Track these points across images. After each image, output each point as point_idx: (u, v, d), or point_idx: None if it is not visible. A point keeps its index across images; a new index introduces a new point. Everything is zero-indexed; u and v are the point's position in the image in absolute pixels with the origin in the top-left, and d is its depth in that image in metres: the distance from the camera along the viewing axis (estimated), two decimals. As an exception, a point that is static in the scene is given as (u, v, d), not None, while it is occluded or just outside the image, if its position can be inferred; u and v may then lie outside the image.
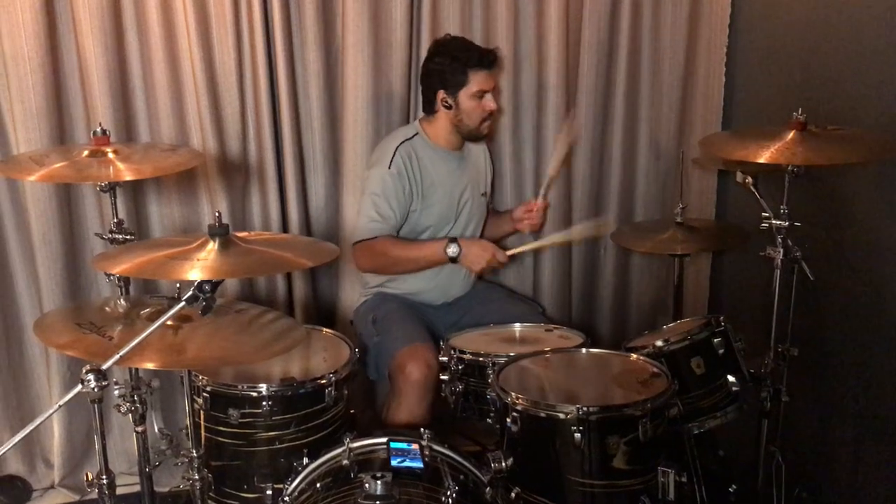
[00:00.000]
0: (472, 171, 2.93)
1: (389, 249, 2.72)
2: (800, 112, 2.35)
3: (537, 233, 3.00)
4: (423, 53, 2.94)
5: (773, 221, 2.36)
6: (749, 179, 2.50)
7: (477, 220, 2.94)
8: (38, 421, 1.56)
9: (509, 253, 2.74)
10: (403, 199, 2.74)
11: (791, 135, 2.32)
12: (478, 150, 2.96)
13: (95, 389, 1.61)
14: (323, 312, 3.15)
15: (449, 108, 2.74)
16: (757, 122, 3.08)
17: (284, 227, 3.02)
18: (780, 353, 2.48)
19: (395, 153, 2.73)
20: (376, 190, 2.72)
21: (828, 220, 2.69)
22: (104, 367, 1.60)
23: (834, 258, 2.64)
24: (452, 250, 2.67)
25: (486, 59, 2.72)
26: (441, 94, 2.74)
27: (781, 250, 2.37)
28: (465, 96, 2.72)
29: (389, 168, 2.72)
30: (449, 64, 2.70)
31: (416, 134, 2.81)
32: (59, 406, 1.61)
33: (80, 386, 1.60)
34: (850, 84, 2.59)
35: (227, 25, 2.81)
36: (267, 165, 2.96)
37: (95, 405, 1.75)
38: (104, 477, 1.84)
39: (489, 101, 2.75)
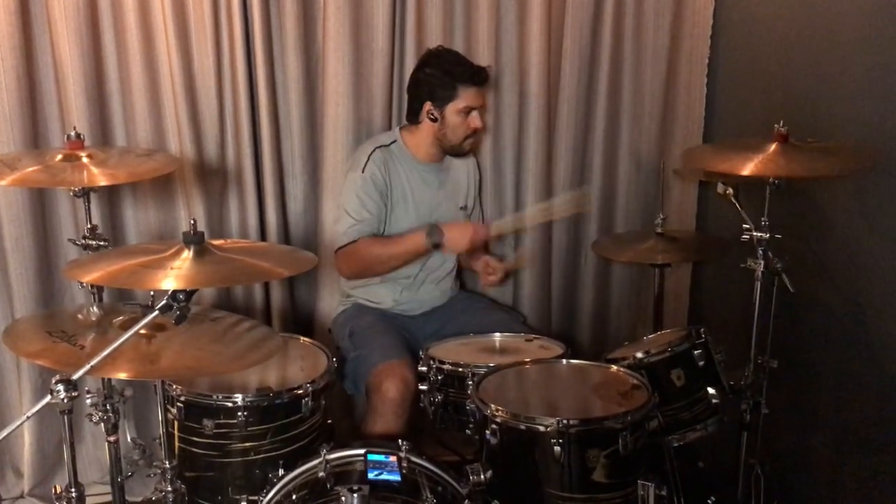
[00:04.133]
0: (451, 184, 2.90)
1: (370, 249, 2.70)
2: (781, 124, 2.35)
3: (498, 286, 3.03)
4: (406, 60, 2.94)
5: (754, 233, 2.36)
6: (730, 191, 2.50)
7: None
8: (5, 432, 1.53)
9: (493, 229, 2.73)
10: (379, 201, 2.73)
11: (773, 147, 2.32)
12: (461, 163, 2.93)
13: (65, 400, 1.57)
14: (301, 320, 3.11)
15: (434, 120, 2.72)
16: (738, 133, 3.08)
17: (263, 234, 2.99)
18: (759, 365, 2.48)
19: (368, 158, 2.72)
20: (352, 195, 2.72)
21: (808, 232, 2.69)
22: (74, 377, 1.56)
23: (814, 270, 2.65)
24: (434, 238, 2.65)
25: (478, 76, 2.70)
26: (428, 105, 2.72)
27: (762, 262, 2.37)
28: (451, 111, 2.70)
29: (363, 172, 2.71)
30: (440, 77, 2.68)
31: (394, 142, 2.80)
32: (27, 417, 1.58)
33: (48, 397, 1.56)
34: (831, 97, 2.60)
35: (206, 29, 2.78)
36: (245, 171, 2.92)
37: (65, 416, 1.70)
38: (73, 490, 1.80)
39: (475, 119, 2.73)
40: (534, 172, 3.12)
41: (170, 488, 2.06)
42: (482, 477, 2.01)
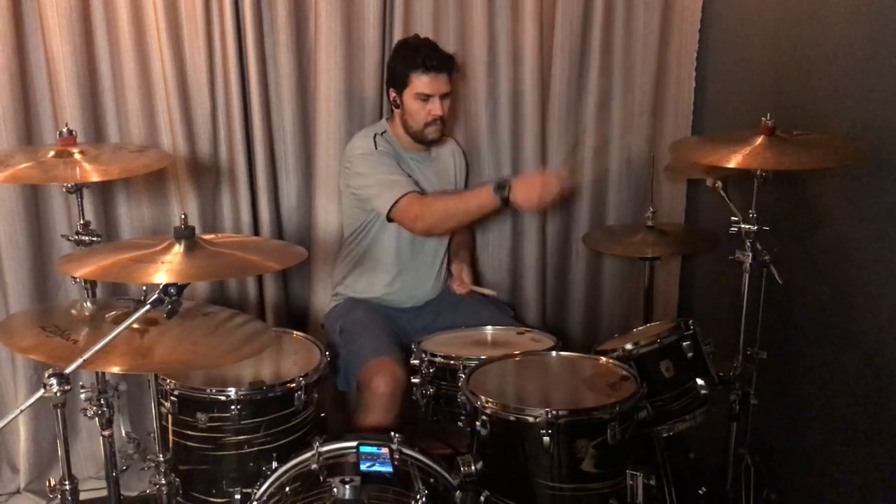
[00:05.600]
0: (441, 171, 2.93)
1: (438, 201, 2.71)
2: (768, 117, 2.37)
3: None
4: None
5: (742, 225, 2.38)
6: (719, 184, 2.52)
7: None
8: (-1, 425, 1.54)
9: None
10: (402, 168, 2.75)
11: (760, 140, 2.34)
12: (446, 151, 2.97)
13: (58, 394, 1.58)
14: (294, 315, 3.13)
15: (397, 107, 2.77)
16: (727, 127, 3.10)
17: (256, 230, 3.00)
18: (748, 356, 2.50)
19: (374, 140, 2.76)
20: (378, 166, 2.72)
21: (796, 224, 2.71)
22: (67, 371, 1.58)
23: (802, 262, 2.67)
24: (503, 193, 2.55)
25: (430, 62, 2.69)
26: (392, 92, 2.77)
27: (750, 254, 2.39)
28: (408, 97, 2.73)
29: (376, 149, 2.74)
30: (398, 64, 2.73)
31: (385, 132, 2.83)
32: (21, 411, 1.59)
33: (42, 390, 1.58)
34: (818, 90, 2.61)
35: (198, 26, 2.79)
36: (238, 167, 2.94)
37: (59, 410, 1.72)
38: (67, 483, 1.81)
39: (434, 106, 2.73)
40: (531, 165, 3.15)
41: (164, 482, 2.07)
42: (473, 468, 2.04)
